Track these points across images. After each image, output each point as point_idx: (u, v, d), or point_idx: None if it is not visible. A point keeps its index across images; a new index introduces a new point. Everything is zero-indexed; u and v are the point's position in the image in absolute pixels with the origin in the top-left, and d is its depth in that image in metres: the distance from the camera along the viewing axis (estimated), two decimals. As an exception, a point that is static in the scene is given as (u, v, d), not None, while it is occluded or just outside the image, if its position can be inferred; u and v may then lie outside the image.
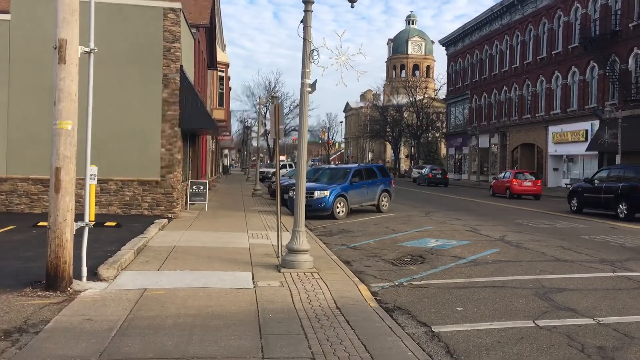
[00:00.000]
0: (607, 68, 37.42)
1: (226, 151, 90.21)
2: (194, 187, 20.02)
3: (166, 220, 15.74)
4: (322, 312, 7.01)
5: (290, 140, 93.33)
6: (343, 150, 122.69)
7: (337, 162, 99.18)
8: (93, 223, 14.20)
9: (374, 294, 8.35)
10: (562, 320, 7.01)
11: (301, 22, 9.63)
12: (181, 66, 16.90)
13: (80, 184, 15.57)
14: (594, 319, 7.05)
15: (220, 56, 35.40)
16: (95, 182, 14.76)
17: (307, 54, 9.60)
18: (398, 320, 7.01)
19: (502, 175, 37.56)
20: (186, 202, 20.01)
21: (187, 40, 19.31)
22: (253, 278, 8.83)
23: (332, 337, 6.03)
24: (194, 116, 17.54)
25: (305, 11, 9.60)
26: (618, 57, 37.04)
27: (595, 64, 39.48)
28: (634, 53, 35.74)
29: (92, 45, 8.05)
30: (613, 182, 21.53)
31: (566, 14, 43.33)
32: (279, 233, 10.71)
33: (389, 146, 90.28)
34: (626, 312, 7.45)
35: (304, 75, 9.69)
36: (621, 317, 7.18)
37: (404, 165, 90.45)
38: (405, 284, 9.14)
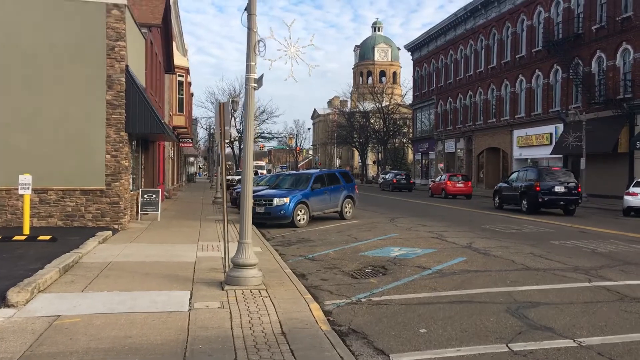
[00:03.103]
0: (571, 71, 37.37)
1: (192, 159, 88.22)
2: (145, 196, 18.75)
3: (110, 232, 14.48)
4: (264, 340, 5.99)
5: (257, 148, 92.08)
6: (311, 157, 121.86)
7: (303, 169, 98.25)
8: (24, 237, 13.03)
9: (327, 313, 7.37)
10: (539, 342, 6.12)
11: (245, 10, 8.62)
12: (127, 66, 15.69)
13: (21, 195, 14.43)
14: (574, 340, 6.19)
15: (180, 60, 34.10)
16: (29, 191, 13.57)
17: (252, 46, 8.59)
18: (352, 348, 6.05)
19: (438, 178, 41.64)
20: (137, 212, 18.76)
21: (136, 40, 18.10)
22: (191, 298, 7.74)
23: (270, 374, 5.03)
24: (142, 120, 16.29)
25: (249, -2, 8.60)
26: (581, 60, 37.02)
27: (559, 67, 39.42)
28: (597, 56, 35.74)
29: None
30: (520, 182, 25.40)
31: (529, 18, 43.30)
32: (226, 245, 9.62)
33: (356, 152, 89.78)
34: (609, 330, 6.61)
35: (248, 69, 8.66)
36: (604, 336, 6.34)
37: (372, 171, 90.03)
38: (363, 300, 8.18)
